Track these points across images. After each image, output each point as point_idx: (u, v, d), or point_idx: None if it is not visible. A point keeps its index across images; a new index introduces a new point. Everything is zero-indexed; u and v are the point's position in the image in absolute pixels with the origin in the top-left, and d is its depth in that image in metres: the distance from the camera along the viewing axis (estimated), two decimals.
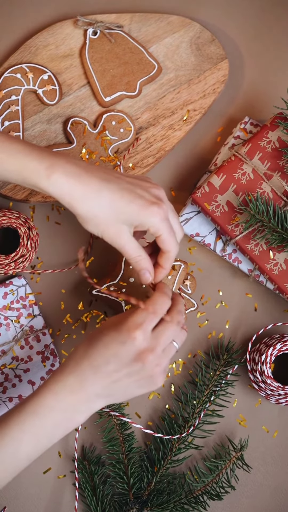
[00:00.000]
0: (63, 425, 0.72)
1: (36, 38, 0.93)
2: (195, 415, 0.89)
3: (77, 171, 0.72)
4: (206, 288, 0.93)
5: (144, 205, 0.72)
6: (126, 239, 0.74)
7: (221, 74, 0.94)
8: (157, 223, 0.73)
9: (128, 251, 0.75)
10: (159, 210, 0.73)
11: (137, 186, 0.74)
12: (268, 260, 0.87)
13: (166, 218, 0.74)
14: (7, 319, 0.90)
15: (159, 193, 0.75)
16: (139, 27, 0.94)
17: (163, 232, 0.74)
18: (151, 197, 0.73)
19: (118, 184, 0.73)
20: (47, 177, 0.71)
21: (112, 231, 0.74)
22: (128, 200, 0.72)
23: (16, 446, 0.70)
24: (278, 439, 0.92)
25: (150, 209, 0.73)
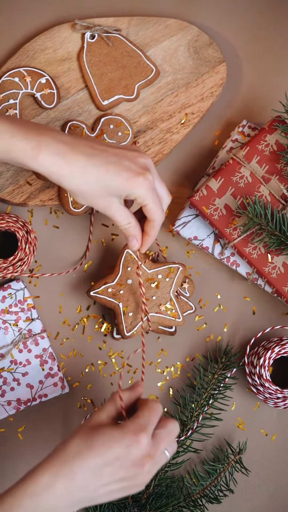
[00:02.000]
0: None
1: (34, 42, 0.93)
2: (194, 419, 0.89)
3: (63, 149, 0.73)
4: (204, 291, 0.93)
5: (130, 177, 0.74)
6: (116, 209, 0.76)
7: (219, 77, 0.94)
8: (143, 194, 0.75)
9: (118, 219, 0.77)
10: (144, 181, 0.74)
11: (124, 157, 0.75)
12: (266, 263, 0.87)
13: (152, 188, 0.75)
14: (6, 323, 0.90)
15: (146, 162, 0.76)
16: (137, 30, 0.95)
17: (149, 202, 0.76)
18: (138, 168, 0.75)
19: (104, 158, 0.74)
20: (34, 158, 0.73)
21: (101, 203, 0.76)
22: (114, 173, 0.74)
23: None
24: (276, 442, 0.92)
25: (136, 180, 0.74)
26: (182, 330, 0.92)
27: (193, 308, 0.90)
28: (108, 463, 0.67)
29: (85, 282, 0.92)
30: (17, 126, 0.74)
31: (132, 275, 0.87)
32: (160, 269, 0.88)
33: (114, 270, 0.87)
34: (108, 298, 0.87)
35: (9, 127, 0.74)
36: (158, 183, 0.78)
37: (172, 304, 0.88)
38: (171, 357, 0.92)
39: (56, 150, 0.73)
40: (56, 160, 0.73)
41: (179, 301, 0.89)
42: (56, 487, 0.66)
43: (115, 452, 0.67)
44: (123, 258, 0.87)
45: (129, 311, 0.87)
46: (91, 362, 0.92)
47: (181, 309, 0.89)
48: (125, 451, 0.67)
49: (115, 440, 0.68)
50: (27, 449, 0.90)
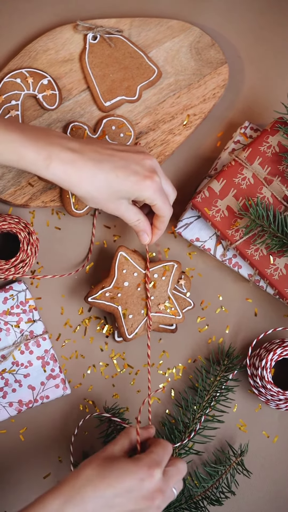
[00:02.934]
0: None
1: (36, 43, 0.93)
2: (196, 421, 0.88)
3: (72, 157, 0.76)
4: (206, 293, 0.93)
5: (138, 181, 0.78)
6: (125, 209, 0.81)
7: (221, 78, 0.94)
8: (151, 195, 0.79)
9: (128, 217, 0.81)
10: (152, 183, 0.78)
11: (131, 161, 0.78)
12: (268, 265, 0.87)
13: (159, 189, 0.79)
14: (7, 324, 0.90)
15: (152, 163, 0.79)
16: (139, 31, 0.94)
17: (158, 202, 0.80)
18: (145, 171, 0.78)
19: (112, 163, 0.77)
20: (46, 168, 0.76)
21: (111, 206, 0.80)
22: (122, 178, 0.77)
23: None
24: (278, 444, 0.92)
25: (144, 184, 0.78)
26: (184, 331, 0.92)
27: (191, 304, 0.90)
28: (120, 494, 0.69)
29: (86, 284, 0.92)
30: (27, 135, 0.76)
31: (128, 277, 0.87)
32: (155, 268, 0.88)
33: (110, 273, 0.87)
34: (106, 303, 0.87)
35: (19, 137, 0.76)
36: (164, 181, 0.82)
37: (170, 302, 0.88)
38: (173, 358, 0.92)
39: (66, 158, 0.76)
40: (66, 169, 0.76)
41: (178, 298, 0.89)
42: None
43: (128, 485, 0.69)
44: (117, 261, 0.87)
45: (128, 313, 0.87)
46: (92, 363, 0.92)
47: (181, 306, 0.89)
48: (138, 484, 0.69)
49: (129, 473, 0.69)
50: (29, 451, 0.90)
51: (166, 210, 0.81)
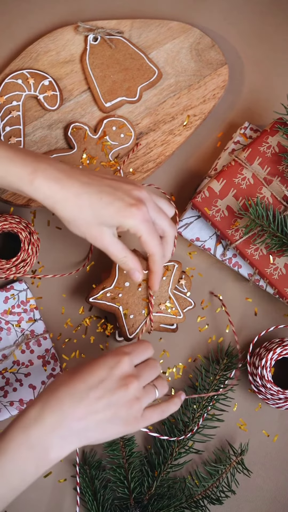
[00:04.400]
0: (34, 463, 0.67)
1: (37, 44, 0.94)
2: (195, 420, 0.89)
3: (59, 175, 0.73)
4: (206, 292, 0.93)
5: (122, 207, 0.73)
6: (109, 241, 0.76)
7: (221, 79, 0.95)
8: (135, 225, 0.74)
9: (112, 252, 0.76)
10: (137, 211, 0.73)
11: (118, 189, 0.74)
12: (268, 264, 0.88)
13: (145, 220, 0.74)
14: (8, 324, 0.90)
15: (140, 195, 0.75)
16: (140, 33, 0.95)
17: (143, 233, 0.75)
18: (131, 199, 0.74)
19: (98, 187, 0.74)
20: (30, 182, 0.73)
21: (93, 232, 0.75)
22: (106, 202, 0.73)
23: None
24: (278, 443, 0.92)
25: (128, 210, 0.73)
26: (184, 331, 0.92)
27: (192, 304, 0.90)
28: (93, 386, 0.69)
29: (87, 283, 0.93)
30: (15, 152, 0.74)
31: (129, 278, 0.87)
32: None
33: (111, 274, 0.88)
34: (107, 303, 0.87)
35: (7, 153, 0.74)
36: (158, 215, 0.77)
37: (171, 302, 0.88)
38: (173, 358, 0.93)
39: (52, 175, 0.73)
40: (51, 185, 0.73)
41: (178, 298, 0.89)
42: (44, 417, 0.68)
43: (98, 375, 0.70)
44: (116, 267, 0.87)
45: (129, 313, 0.87)
46: None
47: (181, 306, 0.89)
48: (108, 372, 0.70)
49: (97, 364, 0.71)
50: None
51: (155, 245, 0.76)
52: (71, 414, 0.68)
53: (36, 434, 0.67)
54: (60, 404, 0.68)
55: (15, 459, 0.67)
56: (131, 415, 0.71)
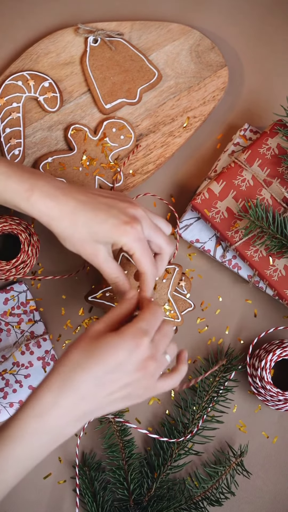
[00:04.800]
0: (48, 446, 0.68)
1: (37, 45, 0.94)
2: (195, 421, 0.89)
3: (55, 192, 0.74)
4: (206, 294, 0.93)
5: (116, 224, 0.73)
6: (103, 259, 0.75)
7: (220, 81, 0.95)
8: (128, 243, 0.73)
9: (105, 270, 0.76)
10: (131, 229, 0.73)
11: (113, 206, 0.75)
12: (267, 266, 0.88)
13: (139, 238, 0.74)
14: (8, 325, 0.90)
15: (135, 213, 0.75)
16: (140, 34, 0.95)
17: (136, 251, 0.74)
18: (125, 217, 0.74)
19: (93, 205, 0.74)
20: (27, 199, 0.74)
21: (88, 250, 0.75)
22: (101, 219, 0.73)
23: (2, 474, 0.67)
24: (278, 445, 0.92)
25: (123, 228, 0.73)
26: (184, 332, 0.92)
27: (192, 306, 0.90)
28: (111, 370, 0.67)
29: (87, 285, 0.93)
30: (13, 168, 0.75)
31: (129, 278, 0.87)
32: None
33: None
34: (106, 303, 0.87)
35: (5, 169, 0.74)
36: (154, 233, 0.77)
37: (170, 305, 0.88)
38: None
39: (49, 192, 0.74)
40: (47, 202, 0.74)
41: (178, 300, 0.89)
42: (61, 403, 0.67)
43: (116, 359, 0.67)
44: (119, 262, 0.87)
45: None
46: None
47: (181, 308, 0.89)
48: (127, 356, 0.67)
49: (115, 347, 0.67)
50: None
51: (147, 264, 0.75)
52: (88, 397, 0.67)
53: (53, 420, 0.67)
54: (76, 389, 0.67)
55: (31, 445, 0.67)
56: (145, 392, 0.71)
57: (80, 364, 0.67)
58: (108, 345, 0.68)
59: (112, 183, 0.92)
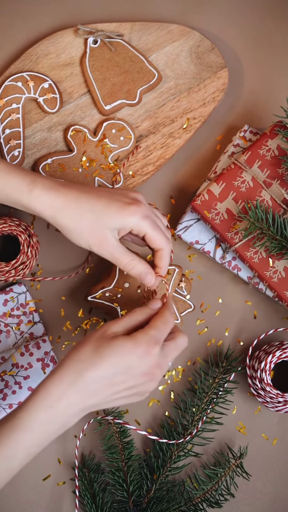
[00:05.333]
0: (54, 435, 0.71)
1: (37, 46, 0.94)
2: (195, 423, 0.89)
3: (56, 185, 0.75)
4: (206, 295, 0.93)
5: (121, 206, 0.75)
6: (113, 245, 0.76)
7: (220, 82, 0.95)
8: (138, 222, 0.75)
9: (118, 257, 0.76)
10: (137, 208, 0.75)
11: (115, 192, 0.77)
12: (267, 267, 0.87)
13: (146, 216, 0.75)
14: (7, 326, 0.90)
15: (137, 196, 0.77)
16: (139, 36, 0.95)
17: (147, 230, 0.75)
18: (128, 199, 0.75)
19: (96, 192, 0.76)
20: (29, 192, 0.75)
21: (96, 238, 0.75)
22: (105, 203, 0.75)
23: (9, 462, 0.69)
24: (277, 447, 0.92)
25: (129, 209, 0.74)
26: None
27: (191, 307, 0.90)
28: (120, 372, 0.70)
29: (87, 286, 0.93)
30: (13, 166, 0.77)
31: (129, 279, 0.87)
32: None
33: (111, 274, 0.88)
34: (105, 303, 0.87)
35: (5, 165, 0.76)
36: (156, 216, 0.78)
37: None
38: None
39: (51, 185, 0.75)
40: (50, 194, 0.75)
41: (178, 300, 0.89)
42: (70, 397, 0.70)
43: (127, 363, 0.70)
44: (117, 270, 0.87)
45: None
46: None
47: (181, 309, 0.89)
48: (137, 362, 0.70)
49: (128, 352, 0.70)
50: None
51: (162, 238, 0.76)
52: (96, 395, 0.71)
53: (61, 413, 0.70)
54: (87, 386, 0.70)
55: (40, 435, 0.70)
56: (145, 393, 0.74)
57: (93, 363, 0.70)
58: (122, 348, 0.70)
59: (111, 184, 0.92)
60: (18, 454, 0.69)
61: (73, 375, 0.70)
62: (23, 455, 0.70)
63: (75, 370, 0.70)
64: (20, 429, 0.69)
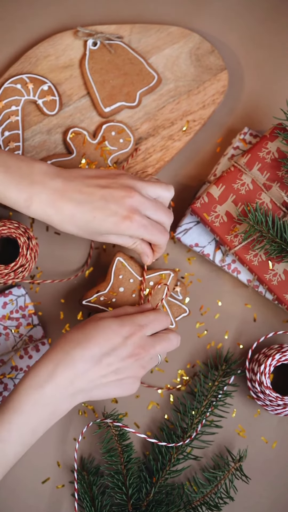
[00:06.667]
0: (47, 419, 0.73)
1: (37, 48, 0.94)
2: (194, 426, 0.88)
3: (53, 198, 0.77)
4: (205, 298, 0.93)
5: (117, 222, 0.77)
6: (115, 238, 0.81)
7: (220, 85, 0.95)
8: (133, 233, 0.79)
9: (122, 243, 0.82)
10: (132, 223, 0.77)
11: (111, 200, 0.77)
12: (267, 270, 0.87)
13: (141, 225, 0.78)
14: (7, 329, 0.90)
15: (132, 202, 0.77)
16: (139, 38, 0.95)
17: (144, 237, 0.80)
18: (124, 211, 0.77)
19: (90, 204, 0.77)
20: (27, 208, 0.78)
21: (99, 239, 0.81)
22: (100, 219, 0.77)
23: (3, 447, 0.70)
24: (277, 450, 0.92)
25: (124, 224, 0.77)
26: (183, 337, 0.92)
27: (187, 311, 0.90)
28: (106, 353, 0.74)
29: (86, 289, 0.93)
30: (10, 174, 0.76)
31: (124, 283, 0.87)
32: (152, 276, 0.88)
33: (106, 278, 0.88)
34: (100, 307, 0.87)
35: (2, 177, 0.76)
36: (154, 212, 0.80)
37: (164, 310, 0.88)
38: (172, 364, 0.92)
39: (46, 200, 0.77)
40: (46, 210, 0.77)
41: (173, 305, 0.89)
42: (57, 376, 0.72)
43: (113, 343, 0.74)
44: (114, 267, 0.87)
45: None
46: None
47: (175, 313, 0.89)
48: (122, 342, 0.75)
49: (113, 332, 0.75)
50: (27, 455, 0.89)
51: (158, 239, 0.81)
52: (83, 375, 0.73)
53: (50, 393, 0.72)
54: (73, 365, 0.73)
55: (30, 417, 0.71)
56: (134, 383, 0.77)
57: (80, 342, 0.74)
58: (107, 329, 0.75)
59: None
60: (11, 437, 0.70)
61: (61, 355, 0.73)
62: (17, 440, 0.71)
63: (62, 350, 0.73)
64: (11, 411, 0.71)
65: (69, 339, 0.75)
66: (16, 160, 0.78)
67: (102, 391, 0.76)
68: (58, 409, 0.73)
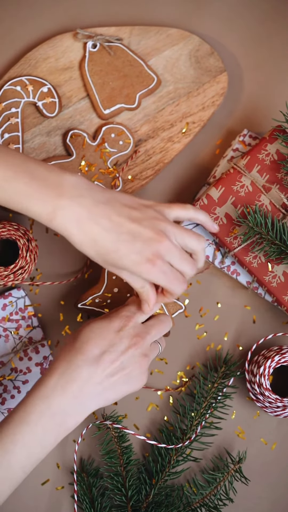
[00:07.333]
0: (55, 430, 0.71)
1: (36, 51, 0.94)
2: (193, 428, 0.88)
3: (79, 214, 0.71)
4: (205, 300, 0.93)
5: (138, 262, 0.71)
6: (125, 277, 0.75)
7: (220, 87, 0.95)
8: (152, 278, 0.73)
9: (131, 283, 0.75)
10: (152, 268, 0.72)
11: (138, 237, 0.72)
12: (266, 272, 0.87)
13: (161, 272, 0.72)
14: (6, 331, 0.90)
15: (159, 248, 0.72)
16: (139, 40, 0.95)
17: (161, 283, 0.74)
18: (148, 254, 0.71)
19: (116, 235, 0.71)
20: (49, 222, 0.71)
21: (111, 269, 0.75)
22: (123, 254, 0.71)
23: (8, 458, 0.69)
24: (276, 451, 0.92)
25: (144, 267, 0.72)
26: (183, 338, 0.92)
27: (182, 307, 0.90)
28: (106, 351, 0.74)
29: (85, 291, 0.93)
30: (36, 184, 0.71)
31: (118, 284, 0.87)
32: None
33: (100, 280, 0.88)
34: (96, 309, 0.87)
35: (26, 187, 0.71)
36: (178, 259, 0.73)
37: (160, 308, 0.88)
38: (171, 365, 0.92)
39: (72, 216, 0.71)
40: (68, 228, 0.71)
41: (168, 303, 0.89)
42: (65, 385, 0.72)
43: (109, 339, 0.75)
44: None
45: None
46: None
47: (171, 310, 0.89)
48: (117, 336, 0.75)
49: (105, 329, 0.76)
50: None
51: (175, 289, 0.74)
52: (90, 380, 0.73)
53: (57, 403, 0.71)
54: (79, 372, 0.73)
55: (37, 429, 0.70)
56: (142, 374, 0.76)
57: (79, 348, 0.74)
58: (99, 328, 0.75)
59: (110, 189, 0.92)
60: (16, 448, 0.69)
61: (64, 365, 0.73)
62: (22, 452, 0.70)
63: (64, 360, 0.74)
64: (16, 422, 0.70)
65: (68, 348, 0.75)
66: (44, 170, 0.72)
67: (113, 391, 0.75)
68: (66, 420, 0.71)
